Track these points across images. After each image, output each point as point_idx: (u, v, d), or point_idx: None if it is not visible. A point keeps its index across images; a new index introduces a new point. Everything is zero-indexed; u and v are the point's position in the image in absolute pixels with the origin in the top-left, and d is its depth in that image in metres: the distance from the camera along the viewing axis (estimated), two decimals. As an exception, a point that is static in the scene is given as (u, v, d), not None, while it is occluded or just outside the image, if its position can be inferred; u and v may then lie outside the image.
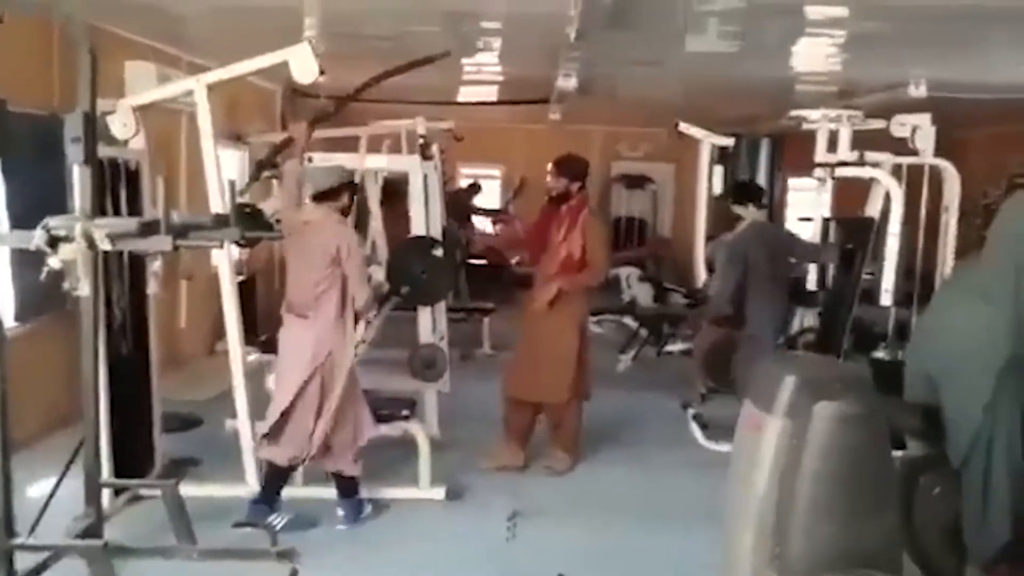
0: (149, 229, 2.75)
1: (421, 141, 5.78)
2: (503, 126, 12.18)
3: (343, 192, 3.78)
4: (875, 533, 2.28)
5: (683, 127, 6.54)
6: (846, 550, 2.23)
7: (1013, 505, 3.10)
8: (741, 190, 5.27)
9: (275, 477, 3.79)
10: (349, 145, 5.87)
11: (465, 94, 8.88)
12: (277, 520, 3.67)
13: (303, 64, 3.61)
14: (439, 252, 4.68)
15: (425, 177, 5.03)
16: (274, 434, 3.71)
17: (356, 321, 3.79)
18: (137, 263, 4.00)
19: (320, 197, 3.74)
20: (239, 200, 3.89)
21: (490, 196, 11.75)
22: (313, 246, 3.68)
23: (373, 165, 5.42)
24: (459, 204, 9.57)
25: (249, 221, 3.87)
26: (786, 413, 2.24)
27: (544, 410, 4.62)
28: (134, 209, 3.88)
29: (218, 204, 3.79)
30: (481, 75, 7.48)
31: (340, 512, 3.81)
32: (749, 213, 5.06)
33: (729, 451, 2.63)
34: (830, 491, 2.24)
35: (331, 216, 3.76)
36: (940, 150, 5.07)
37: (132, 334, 4.01)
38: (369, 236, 6.45)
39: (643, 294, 8.21)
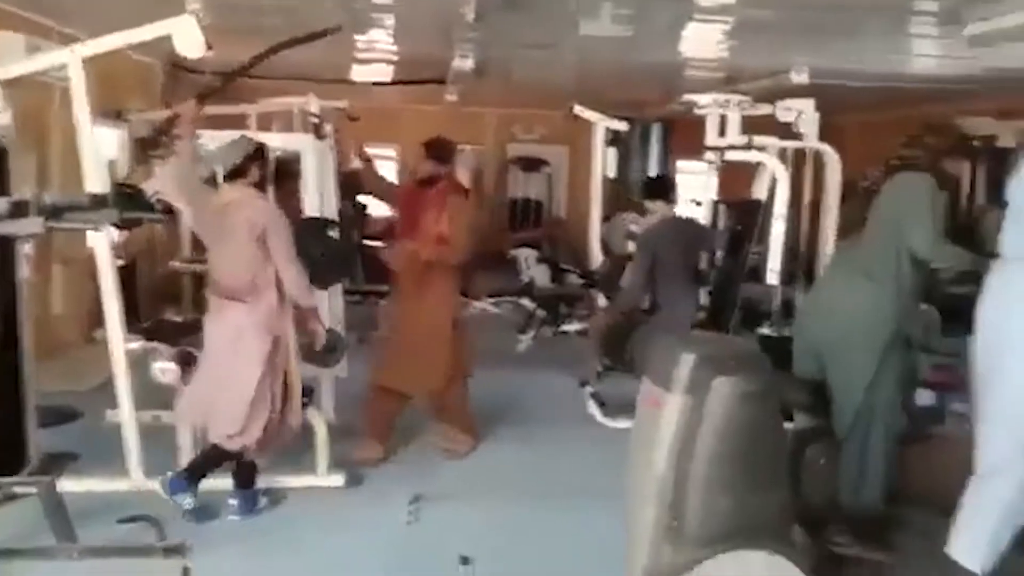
0: (19, 210, 2.56)
1: (314, 120, 5.61)
2: (399, 106, 12.01)
3: (251, 166, 3.63)
4: (769, 506, 2.37)
5: (578, 110, 6.59)
6: (740, 523, 2.31)
7: (887, 473, 3.32)
8: (652, 186, 5.35)
9: (216, 459, 3.67)
10: (237, 123, 5.64)
11: (359, 73, 8.68)
12: (188, 502, 3.55)
13: (188, 37, 3.43)
14: (335, 234, 4.57)
15: (319, 157, 4.88)
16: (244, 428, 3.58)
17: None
18: (6, 246, 3.72)
19: (232, 175, 3.59)
20: (118, 180, 3.69)
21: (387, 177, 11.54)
22: (238, 226, 3.51)
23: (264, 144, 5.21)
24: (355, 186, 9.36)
25: (128, 202, 3.67)
26: (685, 390, 2.29)
27: (428, 397, 4.58)
28: (2, 190, 3.61)
29: (94, 184, 3.56)
30: (375, 53, 7.32)
31: (232, 502, 3.68)
32: (659, 207, 5.15)
33: (626, 427, 2.68)
34: (727, 466, 2.31)
35: (249, 192, 3.63)
36: (822, 135, 5.29)
37: (1, 322, 3.73)
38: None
39: (540, 275, 8.28)
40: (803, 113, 4.87)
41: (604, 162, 7.14)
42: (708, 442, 2.29)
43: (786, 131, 5.22)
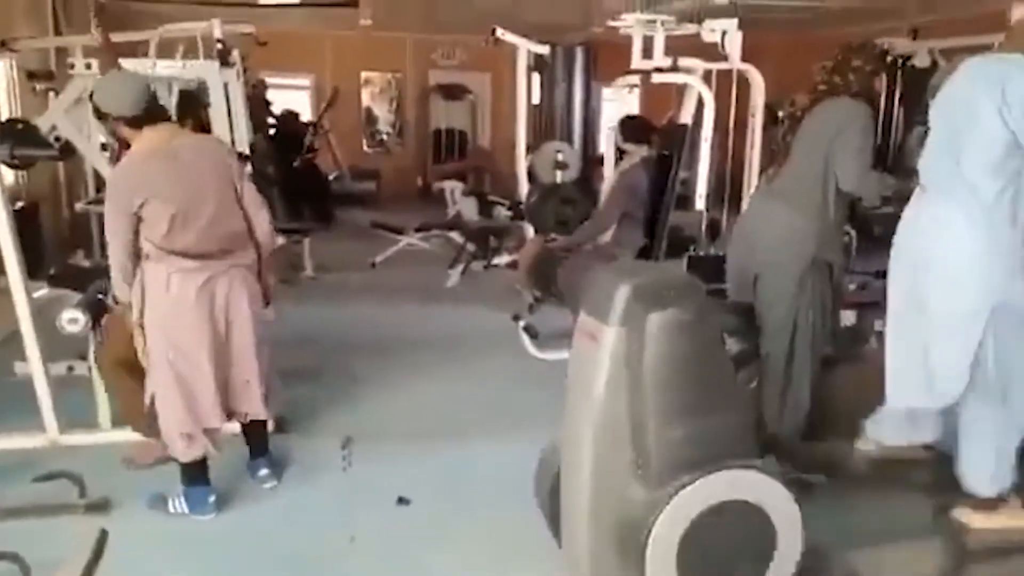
0: None
1: (219, 46, 5.27)
2: (311, 32, 11.48)
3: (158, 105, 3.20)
4: (726, 428, 2.38)
5: (499, 33, 6.37)
6: (702, 450, 2.31)
7: (812, 395, 3.40)
8: (633, 129, 5.24)
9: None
10: (136, 52, 5.27)
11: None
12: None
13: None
14: (248, 168, 4.34)
15: (226, 86, 4.61)
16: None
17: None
18: None
19: (151, 119, 3.05)
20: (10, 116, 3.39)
21: (302, 107, 11.12)
22: (204, 171, 3.03)
23: (166, 73, 4.89)
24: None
25: (21, 138, 3.39)
26: (621, 322, 2.25)
27: None
28: None
29: (-20, 120, 3.27)
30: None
31: (264, 471, 3.44)
32: (640, 151, 5.07)
33: (560, 359, 2.64)
34: (677, 395, 2.30)
35: (195, 134, 3.33)
36: (745, 56, 5.23)
37: None
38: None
39: (468, 208, 8.15)
40: (727, 33, 4.79)
41: (528, 89, 6.97)
42: (652, 374, 2.26)
43: (711, 53, 5.14)
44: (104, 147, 5.67)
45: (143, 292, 3.03)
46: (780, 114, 4.40)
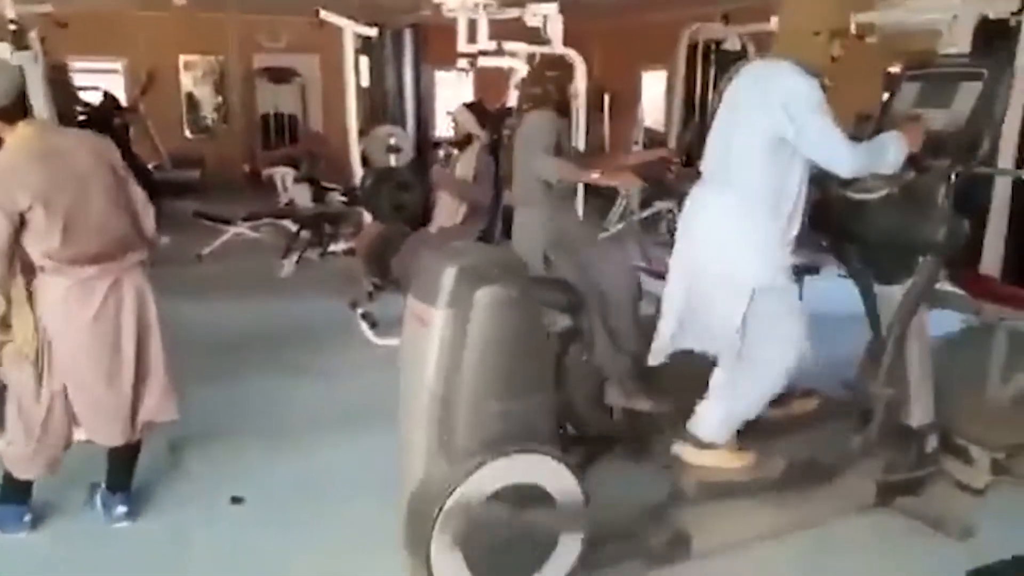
0: None
1: (12, 27, 4.83)
2: (120, 12, 10.72)
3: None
4: (535, 408, 2.44)
5: (324, 15, 6.21)
6: (508, 428, 2.36)
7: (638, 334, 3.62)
8: (477, 115, 5.30)
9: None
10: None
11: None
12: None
13: None
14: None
15: (22, 70, 4.21)
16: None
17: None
18: None
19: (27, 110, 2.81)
20: None
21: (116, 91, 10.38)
22: (88, 170, 2.79)
23: (-51, 57, 4.42)
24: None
25: None
26: (448, 303, 2.27)
27: None
28: None
29: None
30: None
31: (122, 508, 3.08)
32: (483, 136, 5.20)
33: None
34: (493, 374, 2.34)
35: (70, 129, 3.05)
36: (570, 42, 5.38)
37: None
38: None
39: (300, 195, 7.92)
40: (549, 17, 4.91)
41: (357, 71, 6.84)
42: (474, 353, 2.29)
43: (535, 37, 5.25)
44: None
45: (32, 306, 2.77)
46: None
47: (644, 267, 5.85)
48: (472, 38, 4.96)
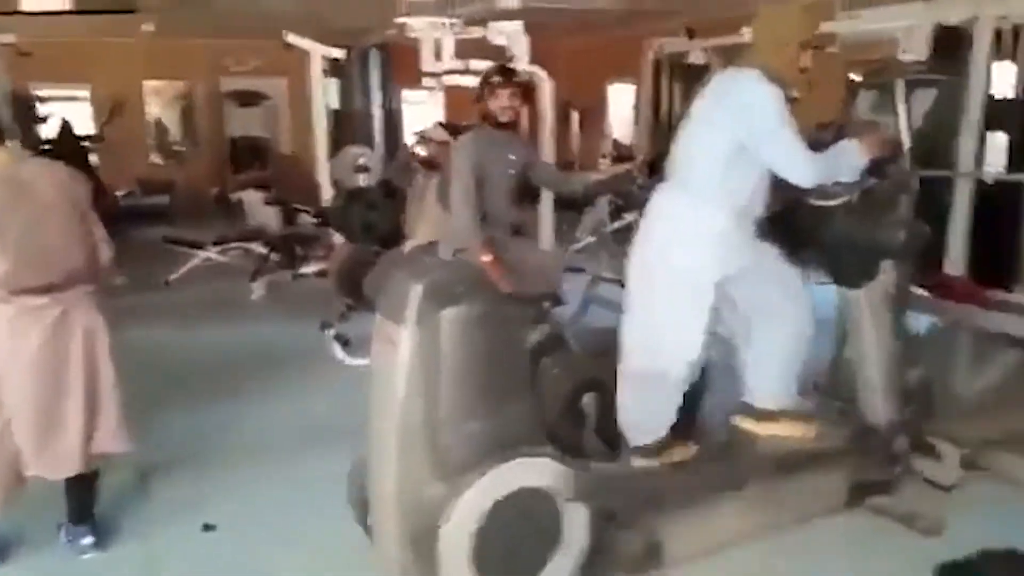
0: None
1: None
2: (86, 40, 10.65)
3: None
4: (518, 419, 2.45)
5: (291, 39, 6.23)
6: (496, 441, 2.38)
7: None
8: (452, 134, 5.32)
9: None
10: None
11: (31, 3, 7.54)
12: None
13: None
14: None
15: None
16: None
17: None
18: None
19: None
20: None
21: (82, 120, 10.32)
22: (49, 200, 2.77)
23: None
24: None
25: None
26: (416, 322, 2.27)
27: None
28: None
29: None
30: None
31: (87, 539, 3.02)
32: None
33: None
34: (470, 390, 2.35)
35: (40, 158, 3.02)
36: (537, 61, 5.42)
37: None
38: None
39: (270, 217, 7.88)
40: (513, 36, 4.95)
41: (325, 93, 6.87)
42: (448, 371, 2.30)
43: (502, 55, 5.29)
44: None
45: None
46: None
47: (616, 278, 5.88)
48: (438, 57, 4.99)
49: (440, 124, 5.37)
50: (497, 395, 2.37)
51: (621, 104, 11.39)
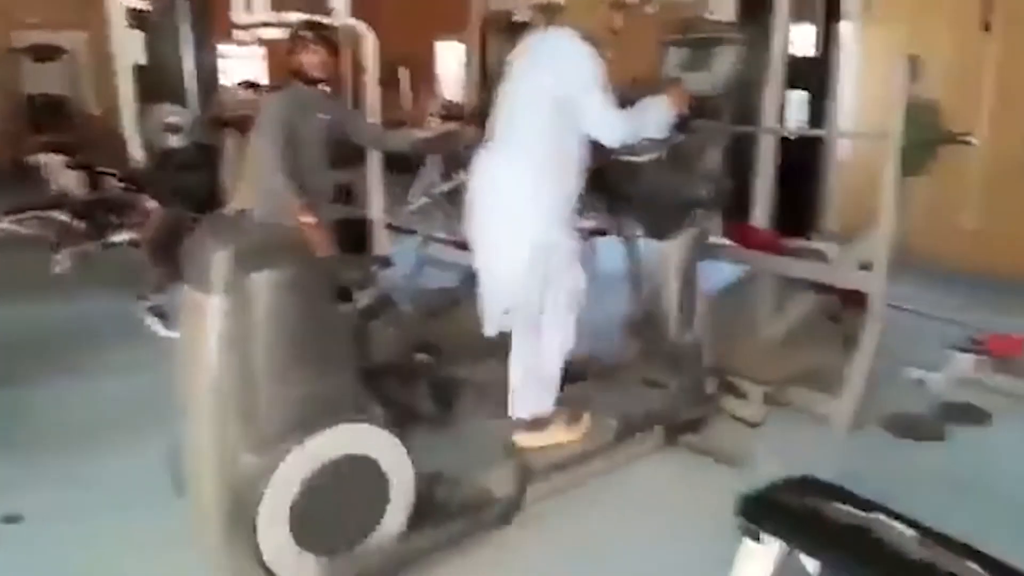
0: None
1: None
2: None
3: None
4: (339, 384, 2.40)
5: (87, -14, 5.69)
6: (316, 408, 2.31)
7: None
8: None
9: None
10: None
11: None
12: None
13: None
14: None
15: None
16: None
17: None
18: None
19: None
20: None
21: None
22: None
23: None
24: None
25: None
26: (224, 289, 2.16)
27: None
28: None
29: None
30: None
31: None
32: None
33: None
34: (285, 358, 2.26)
35: None
36: (360, 13, 5.23)
37: None
38: None
39: (73, 182, 7.26)
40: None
41: (129, 48, 6.35)
42: (260, 339, 2.21)
43: (320, 7, 5.08)
44: None
45: None
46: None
47: (449, 239, 5.87)
48: (249, 7, 4.71)
49: (246, 83, 5.12)
50: (315, 361, 2.30)
51: (451, 62, 11.31)
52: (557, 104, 2.85)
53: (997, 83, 6.00)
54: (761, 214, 4.65)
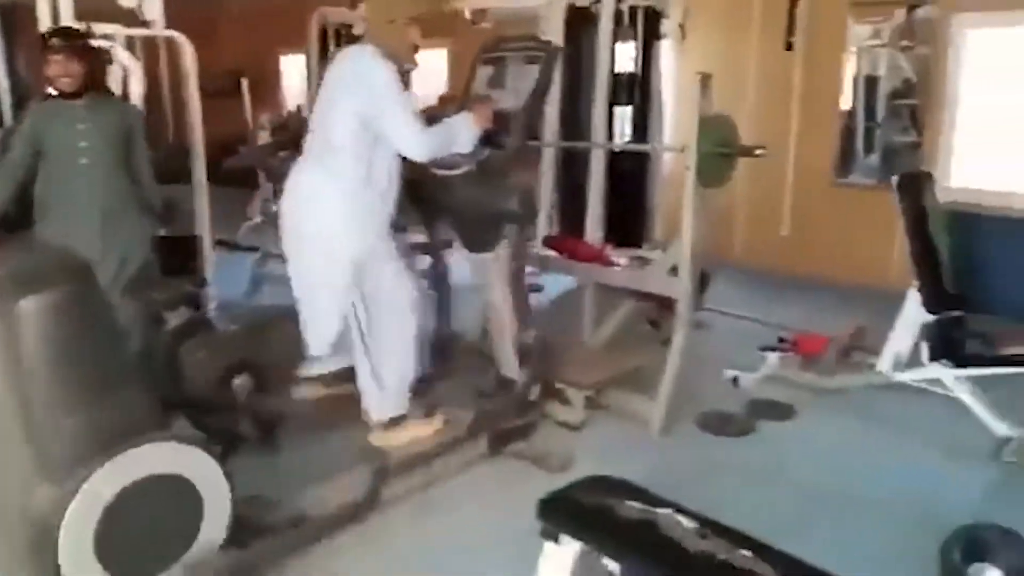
0: None
1: None
2: None
3: None
4: (130, 406, 2.29)
5: None
6: (106, 432, 2.20)
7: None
8: None
9: None
10: None
11: None
12: None
13: None
14: None
15: None
16: None
17: None
18: None
19: None
20: None
21: None
22: None
23: None
24: None
25: None
26: (-8, 314, 2.03)
27: None
28: None
29: None
30: None
31: None
32: None
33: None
34: (64, 383, 2.14)
35: None
36: (190, 24, 5.05)
37: None
38: None
39: None
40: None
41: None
42: (36, 365, 2.09)
43: (133, 19, 4.87)
44: None
45: None
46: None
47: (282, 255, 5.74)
48: (55, 18, 4.44)
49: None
50: (98, 384, 2.19)
51: (293, 75, 11.13)
52: (363, 122, 2.88)
53: (800, 100, 6.47)
54: (593, 225, 4.83)
